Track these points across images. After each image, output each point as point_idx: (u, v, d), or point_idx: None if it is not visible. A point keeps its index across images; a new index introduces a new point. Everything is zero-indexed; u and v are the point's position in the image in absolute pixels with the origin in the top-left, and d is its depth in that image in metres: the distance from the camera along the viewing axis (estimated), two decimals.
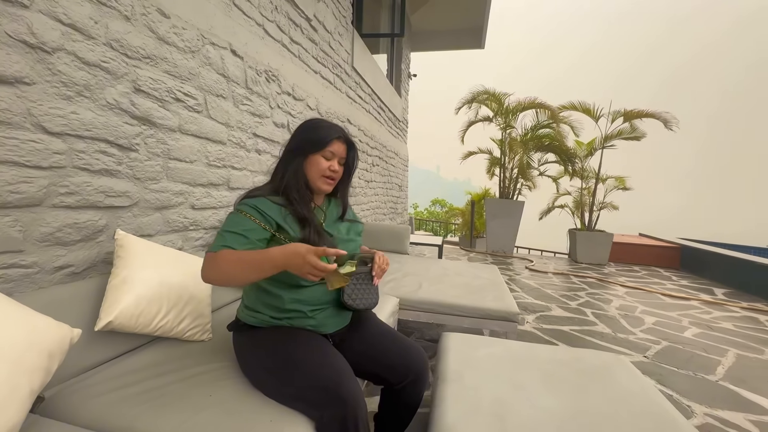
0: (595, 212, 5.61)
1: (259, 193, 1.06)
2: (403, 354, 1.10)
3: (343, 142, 1.11)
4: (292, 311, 1.06)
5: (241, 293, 1.17)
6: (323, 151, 1.07)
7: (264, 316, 1.07)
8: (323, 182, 1.08)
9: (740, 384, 1.96)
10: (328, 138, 1.07)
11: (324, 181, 1.08)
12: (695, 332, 2.74)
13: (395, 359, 1.09)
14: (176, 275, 1.23)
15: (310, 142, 1.07)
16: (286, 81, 2.38)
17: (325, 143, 1.06)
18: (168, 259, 1.26)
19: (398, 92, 6.46)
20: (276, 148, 2.31)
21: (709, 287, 4.34)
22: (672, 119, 4.80)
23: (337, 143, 1.09)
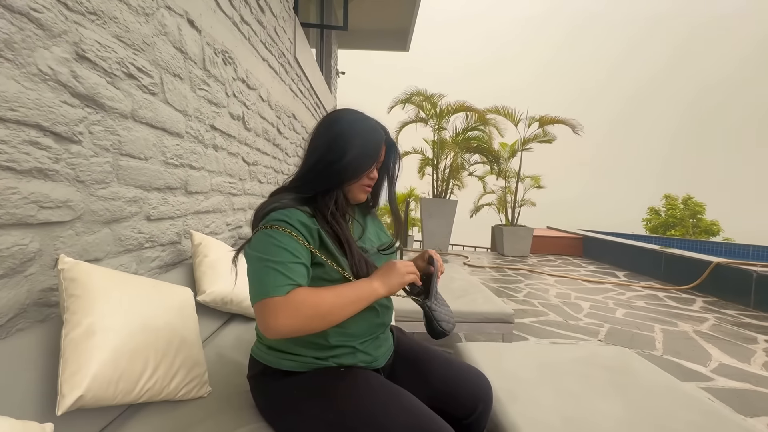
0: (517, 209, 6.14)
1: (285, 202, 0.82)
2: (466, 380, 0.95)
3: (386, 144, 0.93)
4: (340, 347, 0.85)
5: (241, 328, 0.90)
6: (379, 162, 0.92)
7: (305, 358, 0.84)
8: (361, 191, 0.92)
9: (677, 356, 2.27)
10: (380, 147, 0.89)
11: (362, 190, 0.91)
12: (623, 312, 3.14)
13: (459, 388, 0.94)
14: (160, 314, 0.90)
15: (361, 157, 0.86)
16: (240, 66, 2.02)
17: (378, 155, 0.89)
18: (141, 291, 0.92)
19: (330, 89, 6.21)
20: (232, 143, 1.96)
21: (612, 271, 5.07)
22: (578, 125, 5.49)
23: (383, 147, 0.92)
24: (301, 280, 0.72)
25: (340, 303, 0.73)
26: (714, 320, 3.00)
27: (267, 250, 0.73)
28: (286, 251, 0.73)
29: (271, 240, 0.74)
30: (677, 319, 3.01)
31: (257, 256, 0.74)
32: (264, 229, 0.76)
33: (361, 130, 0.88)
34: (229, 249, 1.53)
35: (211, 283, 1.31)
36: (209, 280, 1.31)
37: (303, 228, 0.78)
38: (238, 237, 2.12)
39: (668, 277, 4.42)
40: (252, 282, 0.73)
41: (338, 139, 0.86)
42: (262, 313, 0.68)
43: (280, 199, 0.84)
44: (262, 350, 0.88)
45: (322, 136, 0.88)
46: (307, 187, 0.86)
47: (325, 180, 0.85)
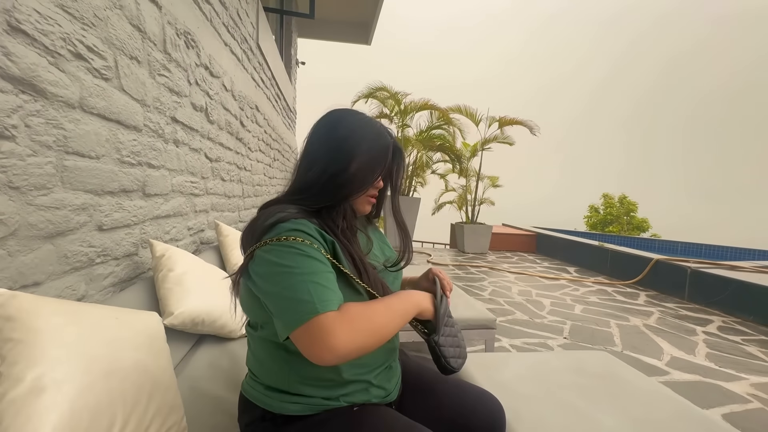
0: (477, 207, 6.30)
1: (292, 212, 0.70)
2: (480, 408, 0.89)
3: (395, 148, 0.83)
4: (353, 383, 0.75)
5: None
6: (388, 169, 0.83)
7: (313, 399, 0.72)
8: (366, 203, 0.82)
9: (635, 351, 2.43)
10: (387, 153, 0.79)
11: (367, 201, 0.83)
12: (581, 308, 3.31)
13: (473, 417, 0.87)
14: (127, 352, 0.74)
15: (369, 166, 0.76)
16: (204, 50, 1.80)
17: (386, 162, 0.79)
18: (100, 323, 0.74)
19: (290, 79, 5.91)
20: (194, 138, 1.74)
21: (563, 266, 5.38)
22: (535, 126, 5.73)
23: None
24: (339, 294, 0.63)
25: (392, 315, 0.66)
26: (658, 314, 3.26)
27: (296, 263, 0.62)
28: (318, 262, 0.64)
29: (295, 251, 0.63)
30: (627, 313, 3.23)
31: (283, 271, 0.62)
32: (275, 242, 0.64)
33: (367, 135, 0.77)
34: (195, 259, 1.35)
35: (179, 302, 1.13)
36: (176, 298, 1.13)
37: (321, 239, 0.68)
38: (200, 242, 1.91)
39: (613, 272, 4.76)
40: (285, 302, 0.61)
41: (343, 146, 0.75)
42: (316, 335, 0.57)
43: (281, 210, 0.71)
44: (259, 390, 0.75)
45: (324, 143, 0.77)
46: (310, 201, 0.74)
47: (330, 194, 0.74)
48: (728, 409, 1.76)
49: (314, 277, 0.61)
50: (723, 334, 2.80)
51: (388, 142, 0.80)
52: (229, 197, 2.40)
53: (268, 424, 0.73)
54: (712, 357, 2.36)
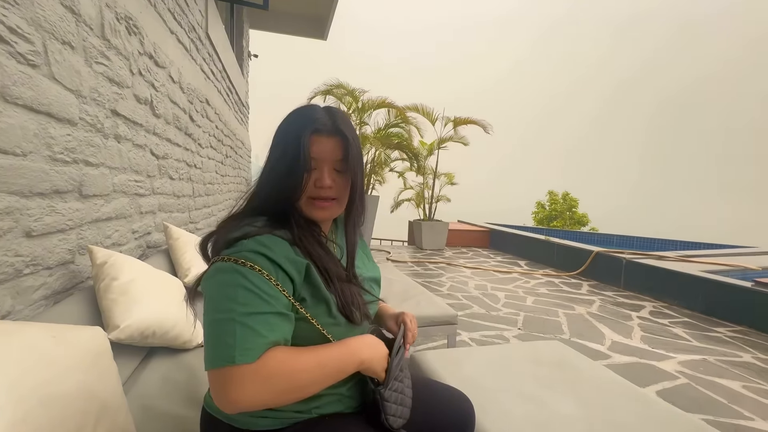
0: (434, 204, 6.44)
1: (259, 226, 0.65)
2: (451, 407, 0.90)
3: (330, 135, 0.69)
4: (326, 395, 0.72)
5: None
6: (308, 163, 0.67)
7: (284, 413, 0.69)
8: (312, 209, 0.70)
9: (581, 337, 2.61)
10: (300, 140, 0.66)
11: (312, 206, 0.70)
12: (532, 300, 3.51)
13: (444, 416, 0.88)
14: (66, 374, 0.66)
15: (282, 159, 0.67)
16: (147, 38, 1.66)
17: (297, 151, 0.65)
18: (34, 344, 0.66)
19: (242, 73, 5.65)
20: (138, 133, 1.60)
21: (515, 260, 5.66)
22: (488, 125, 5.96)
23: (320, 140, 0.68)
24: (280, 336, 0.58)
25: (322, 375, 0.61)
26: (599, 302, 3.54)
27: (234, 296, 0.56)
28: (261, 301, 0.57)
29: (240, 281, 0.57)
30: (573, 303, 3.47)
31: (219, 303, 0.57)
32: (231, 262, 0.59)
33: (285, 123, 0.70)
34: (143, 265, 1.24)
35: (125, 313, 1.03)
36: (122, 310, 1.03)
37: (289, 265, 0.62)
38: (147, 246, 1.77)
39: (560, 264, 5.10)
40: (210, 339, 0.56)
41: (271, 145, 0.70)
42: (223, 384, 0.53)
43: (251, 222, 0.65)
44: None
45: (270, 147, 0.71)
46: (262, 209, 0.69)
47: (273, 197, 0.68)
48: (661, 386, 1.95)
49: (249, 319, 0.55)
50: (653, 318, 3.10)
51: (304, 127, 0.67)
52: (179, 197, 2.24)
53: None
54: (646, 339, 2.61)
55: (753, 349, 2.49)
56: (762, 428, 1.61)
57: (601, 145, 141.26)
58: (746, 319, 2.98)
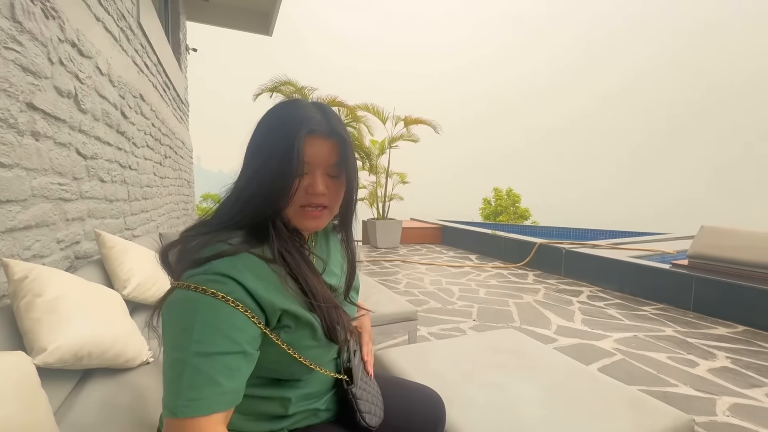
0: (387, 203, 6.50)
1: (235, 243, 0.57)
2: (423, 405, 0.90)
3: (325, 136, 0.62)
4: (301, 412, 0.69)
5: None
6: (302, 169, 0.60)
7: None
8: (303, 218, 0.63)
9: (530, 324, 2.77)
10: (293, 143, 0.58)
11: (303, 215, 0.63)
12: (484, 292, 3.66)
13: (418, 414, 0.88)
14: None
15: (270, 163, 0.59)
16: (69, 23, 1.48)
17: (290, 155, 0.58)
18: None
19: (180, 67, 5.27)
20: (62, 130, 1.42)
21: (466, 255, 5.88)
22: (438, 125, 6.12)
23: (314, 141, 0.61)
24: (238, 385, 0.51)
25: None
26: (544, 290, 3.78)
27: (191, 329, 0.48)
28: (222, 335, 0.49)
29: (201, 312, 0.49)
30: (521, 292, 3.68)
31: (175, 338, 0.49)
32: (196, 290, 0.50)
33: (271, 119, 0.63)
34: (72, 278, 1.10)
35: (53, 334, 0.90)
36: (49, 330, 0.91)
37: (265, 292, 0.55)
38: (75, 257, 1.58)
39: (507, 256, 5.38)
40: (165, 380, 0.49)
41: (251, 144, 0.62)
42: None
43: (224, 239, 0.57)
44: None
45: (248, 146, 0.63)
46: (240, 218, 0.60)
47: (254, 205, 0.59)
48: (601, 363, 2.13)
49: (203, 361, 0.47)
50: (591, 301, 3.39)
51: (296, 129, 0.59)
52: (111, 201, 2.03)
53: None
54: (586, 321, 2.83)
55: (673, 324, 2.81)
56: (685, 393, 1.82)
57: (539, 144, 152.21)
58: (666, 297, 3.36)
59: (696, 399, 1.77)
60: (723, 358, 2.23)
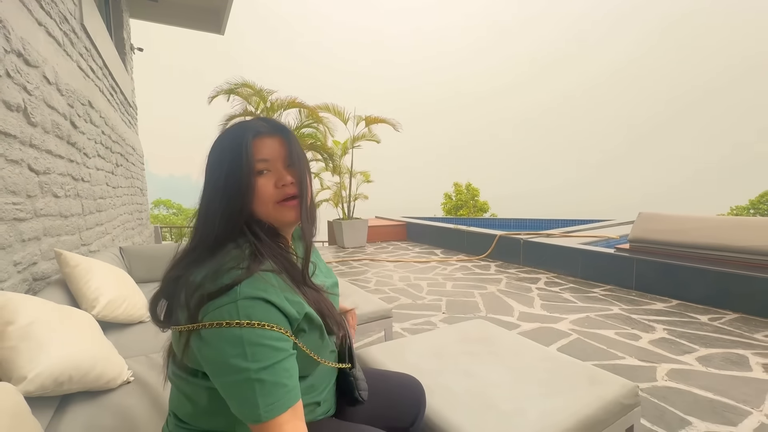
0: (352, 203, 6.53)
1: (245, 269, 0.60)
2: (406, 390, 1.00)
3: (272, 134, 0.69)
4: (305, 406, 0.74)
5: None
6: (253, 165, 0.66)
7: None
8: (282, 210, 0.68)
9: (495, 312, 2.96)
10: (244, 141, 0.65)
11: (283, 208, 0.68)
12: (451, 285, 3.83)
13: (402, 399, 0.98)
14: None
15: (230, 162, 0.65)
16: (14, 32, 1.39)
17: (245, 149, 0.65)
18: None
19: (125, 68, 4.96)
20: (12, 146, 1.35)
21: (432, 250, 6.07)
22: (397, 124, 6.23)
23: (264, 141, 0.68)
24: (299, 386, 0.60)
25: None
26: (506, 279, 4.02)
27: (250, 355, 0.54)
28: (271, 349, 0.56)
29: (249, 339, 0.55)
30: (485, 283, 3.89)
31: (229, 366, 0.54)
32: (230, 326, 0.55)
33: (220, 141, 0.69)
34: (41, 302, 1.07)
35: (31, 362, 0.88)
36: (27, 358, 0.88)
37: (287, 304, 0.61)
38: (32, 279, 1.49)
39: (470, 249, 5.62)
40: (233, 399, 0.55)
41: (208, 164, 0.68)
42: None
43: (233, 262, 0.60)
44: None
45: (205, 168, 0.68)
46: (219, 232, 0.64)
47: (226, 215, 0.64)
48: (560, 343, 2.33)
49: (265, 373, 0.55)
50: (548, 287, 3.65)
51: (240, 136, 0.66)
52: (66, 217, 1.93)
53: None
54: (544, 306, 3.06)
55: (619, 302, 3.11)
56: (631, 363, 2.05)
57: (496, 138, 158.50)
58: (612, 279, 3.69)
59: (640, 368, 2.00)
60: (661, 330, 2.52)
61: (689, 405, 1.64)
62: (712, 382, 1.84)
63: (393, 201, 52.83)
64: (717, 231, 3.27)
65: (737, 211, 17.97)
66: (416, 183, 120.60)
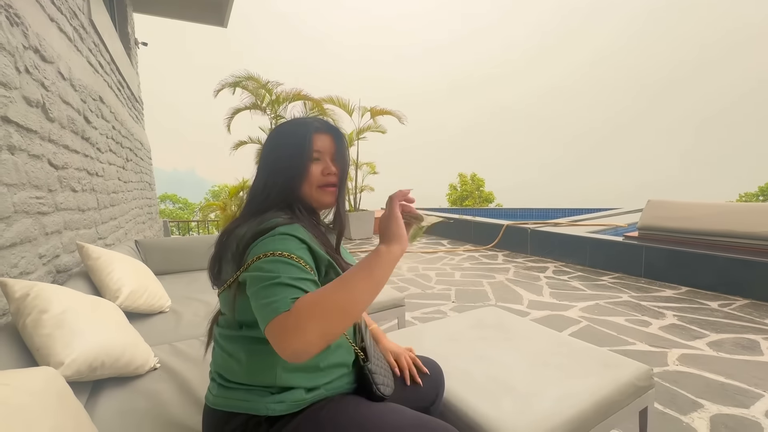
0: (359, 194, 6.55)
1: (284, 219, 0.72)
2: (427, 372, 1.03)
3: (327, 133, 0.83)
4: (334, 367, 0.79)
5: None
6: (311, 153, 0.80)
7: (297, 393, 0.73)
8: (322, 193, 0.81)
9: (505, 301, 2.98)
10: (306, 135, 0.79)
11: (323, 192, 0.81)
12: (459, 275, 3.85)
13: (424, 380, 1.01)
14: (39, 425, 0.59)
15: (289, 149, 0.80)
16: (31, 28, 1.41)
17: (305, 141, 0.79)
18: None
19: (131, 63, 4.97)
20: (33, 141, 1.37)
21: (438, 241, 6.09)
22: (403, 116, 6.21)
23: (320, 136, 0.81)
24: (311, 288, 0.63)
25: (353, 282, 0.59)
26: (513, 268, 4.03)
27: (277, 268, 0.62)
28: (299, 269, 0.64)
29: (282, 259, 0.64)
30: (493, 272, 3.91)
31: (265, 275, 0.62)
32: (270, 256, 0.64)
33: (284, 130, 0.84)
34: (72, 293, 1.10)
35: (67, 347, 0.92)
36: (63, 344, 0.92)
37: (315, 245, 0.71)
38: (56, 271, 1.53)
39: (477, 239, 5.63)
40: (259, 304, 0.61)
41: (267, 148, 0.83)
42: (277, 335, 0.56)
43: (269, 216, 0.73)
44: (238, 396, 0.72)
45: (262, 155, 0.84)
46: (268, 203, 0.78)
47: (278, 191, 0.78)
48: (570, 330, 2.36)
49: (293, 281, 0.61)
50: (556, 276, 3.66)
51: (303, 129, 0.80)
52: (83, 211, 1.96)
53: (251, 429, 0.70)
54: (554, 294, 3.08)
55: (628, 290, 3.12)
56: (642, 349, 2.07)
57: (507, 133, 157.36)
58: (621, 267, 3.70)
59: (651, 353, 2.01)
60: (671, 316, 2.53)
61: (701, 388, 1.66)
62: (723, 366, 1.85)
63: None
64: (726, 217, 3.26)
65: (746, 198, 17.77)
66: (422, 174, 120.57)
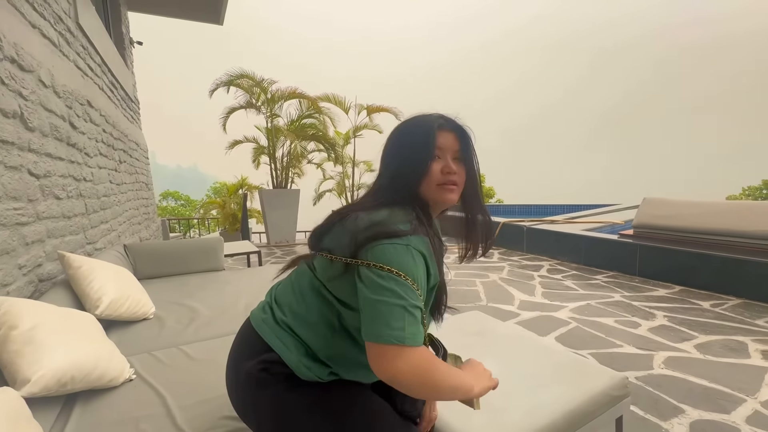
0: (356, 192, 6.54)
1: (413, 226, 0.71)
2: None
3: (450, 130, 0.81)
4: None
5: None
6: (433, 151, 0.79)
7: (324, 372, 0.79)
8: (442, 192, 0.79)
9: (495, 301, 2.98)
10: (430, 132, 0.78)
11: (443, 189, 0.79)
12: (453, 273, 3.85)
13: None
14: None
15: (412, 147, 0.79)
16: (6, 39, 1.41)
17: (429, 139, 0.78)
18: None
19: (126, 63, 4.96)
20: (11, 152, 1.38)
21: None
22: (400, 112, 6.18)
23: (442, 134, 0.80)
24: (418, 314, 0.67)
25: (447, 385, 0.67)
26: (508, 267, 4.03)
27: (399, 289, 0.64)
28: (417, 296, 0.66)
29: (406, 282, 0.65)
30: (487, 271, 3.90)
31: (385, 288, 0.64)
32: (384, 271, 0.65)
33: (407, 128, 0.83)
34: (44, 306, 1.11)
35: (34, 364, 0.93)
36: (30, 360, 0.93)
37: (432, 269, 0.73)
38: (38, 281, 1.55)
39: None
40: (375, 317, 0.64)
41: (390, 146, 0.84)
42: (386, 357, 0.62)
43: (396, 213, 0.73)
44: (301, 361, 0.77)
45: (385, 150, 0.85)
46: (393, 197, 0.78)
47: (401, 186, 0.78)
48: (558, 332, 2.35)
49: (414, 310, 0.64)
50: (550, 275, 3.65)
51: (432, 123, 0.80)
52: (69, 217, 1.97)
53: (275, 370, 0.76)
54: (546, 294, 3.08)
55: (621, 290, 3.11)
56: (628, 352, 2.07)
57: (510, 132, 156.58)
58: (615, 266, 3.68)
59: (637, 356, 2.01)
60: (661, 317, 2.52)
61: (683, 393, 1.66)
62: (708, 369, 1.85)
63: None
64: (721, 216, 3.23)
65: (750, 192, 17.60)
66: None
